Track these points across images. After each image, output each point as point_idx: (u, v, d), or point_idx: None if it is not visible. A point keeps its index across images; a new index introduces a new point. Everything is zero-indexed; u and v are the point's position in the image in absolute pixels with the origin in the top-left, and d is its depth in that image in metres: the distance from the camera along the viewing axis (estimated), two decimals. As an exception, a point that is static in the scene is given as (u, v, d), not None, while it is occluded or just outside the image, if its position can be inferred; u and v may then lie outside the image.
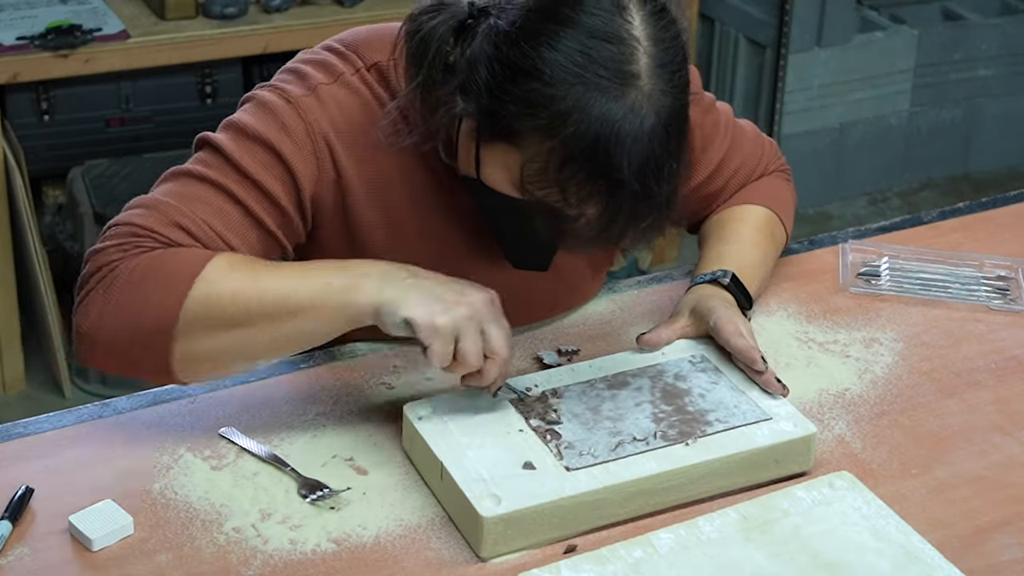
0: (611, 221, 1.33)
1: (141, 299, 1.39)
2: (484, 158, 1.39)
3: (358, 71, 1.52)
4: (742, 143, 1.75)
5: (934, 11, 4.29)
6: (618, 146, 1.29)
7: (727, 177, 1.73)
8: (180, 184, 1.47)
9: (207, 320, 1.39)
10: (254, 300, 1.39)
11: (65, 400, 3.17)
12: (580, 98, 1.29)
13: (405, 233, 1.56)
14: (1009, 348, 1.70)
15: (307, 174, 1.49)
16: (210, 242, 1.44)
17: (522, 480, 1.36)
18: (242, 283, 1.39)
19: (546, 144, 1.30)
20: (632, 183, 1.30)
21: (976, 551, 1.37)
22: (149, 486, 1.41)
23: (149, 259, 1.41)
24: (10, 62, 2.97)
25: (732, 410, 1.47)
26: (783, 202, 1.77)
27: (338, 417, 1.52)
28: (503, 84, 1.33)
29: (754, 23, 3.99)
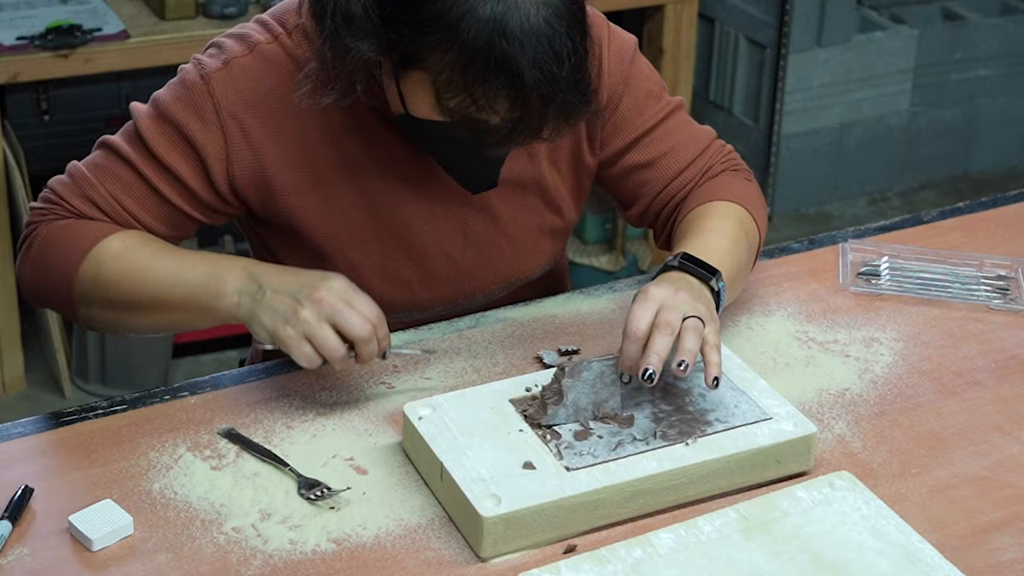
0: (524, 111, 1.40)
1: (44, 267, 1.58)
2: (405, 92, 1.46)
3: (277, 38, 1.58)
4: (680, 131, 1.72)
5: (934, 11, 4.29)
6: (508, 41, 1.36)
7: (655, 152, 1.70)
8: (102, 156, 1.60)
9: (95, 296, 1.55)
10: (134, 289, 1.53)
11: (65, 400, 3.17)
12: (464, 5, 1.37)
13: (336, 194, 1.61)
14: (1009, 348, 1.70)
15: (216, 153, 1.56)
16: (117, 216, 1.57)
17: (522, 480, 1.36)
18: (125, 270, 1.54)
19: (447, 57, 1.38)
20: (532, 73, 1.37)
21: (976, 551, 1.37)
22: (149, 486, 1.41)
23: (55, 229, 1.57)
24: (10, 62, 2.97)
25: (732, 410, 1.47)
26: (748, 197, 1.71)
27: (338, 417, 1.52)
28: (395, 15, 1.41)
29: (754, 23, 3.99)
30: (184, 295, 1.52)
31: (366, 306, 1.47)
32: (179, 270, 1.52)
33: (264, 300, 1.47)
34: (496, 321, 1.71)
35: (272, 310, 1.46)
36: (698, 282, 1.53)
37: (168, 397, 1.55)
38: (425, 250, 1.66)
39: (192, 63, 1.58)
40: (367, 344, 1.46)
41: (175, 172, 1.56)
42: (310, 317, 1.45)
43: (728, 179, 1.73)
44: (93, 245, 1.54)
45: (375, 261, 1.65)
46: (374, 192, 1.62)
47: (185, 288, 1.51)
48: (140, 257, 1.54)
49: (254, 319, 1.48)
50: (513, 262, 1.72)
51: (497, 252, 1.70)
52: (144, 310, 1.55)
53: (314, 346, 1.45)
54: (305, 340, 1.45)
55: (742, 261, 1.64)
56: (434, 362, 1.63)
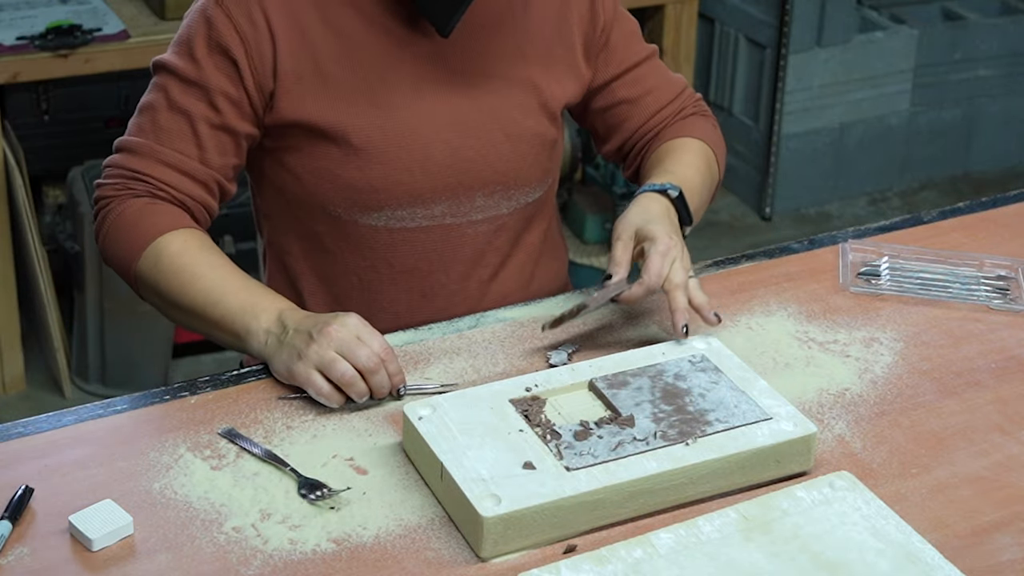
0: None
1: (114, 245, 1.67)
2: None
3: None
4: (659, 73, 1.86)
5: (934, 11, 4.29)
6: None
7: (638, 91, 1.83)
8: (149, 119, 1.68)
9: (149, 284, 1.64)
10: (183, 291, 1.61)
11: (65, 400, 3.17)
12: None
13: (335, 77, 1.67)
14: (1009, 348, 1.70)
15: (238, 49, 1.64)
16: (192, 169, 1.66)
17: (522, 480, 1.36)
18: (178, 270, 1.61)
19: None
20: None
21: (976, 551, 1.37)
22: (149, 486, 1.41)
23: (130, 211, 1.65)
24: (10, 62, 2.97)
25: (732, 410, 1.47)
26: (714, 140, 1.86)
27: (338, 417, 1.52)
28: None
29: (754, 23, 3.99)
30: (221, 317, 1.59)
31: (375, 341, 1.51)
32: (223, 292, 1.60)
33: (285, 340, 1.54)
34: (496, 321, 1.71)
35: (289, 347, 1.53)
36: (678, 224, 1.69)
37: (168, 397, 1.55)
38: (424, 135, 1.69)
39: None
40: (374, 375, 1.50)
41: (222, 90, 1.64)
42: (319, 349, 1.50)
43: (698, 120, 1.87)
44: (156, 236, 1.63)
45: (376, 146, 1.68)
46: (373, 75, 1.67)
47: (224, 311, 1.58)
48: (194, 263, 1.62)
49: (275, 359, 1.55)
50: (511, 162, 1.75)
51: (495, 148, 1.73)
52: (186, 314, 1.62)
53: (325, 377, 1.50)
54: (316, 371, 1.50)
55: (704, 199, 1.81)
56: (434, 362, 1.63)
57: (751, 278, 1.81)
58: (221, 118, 1.66)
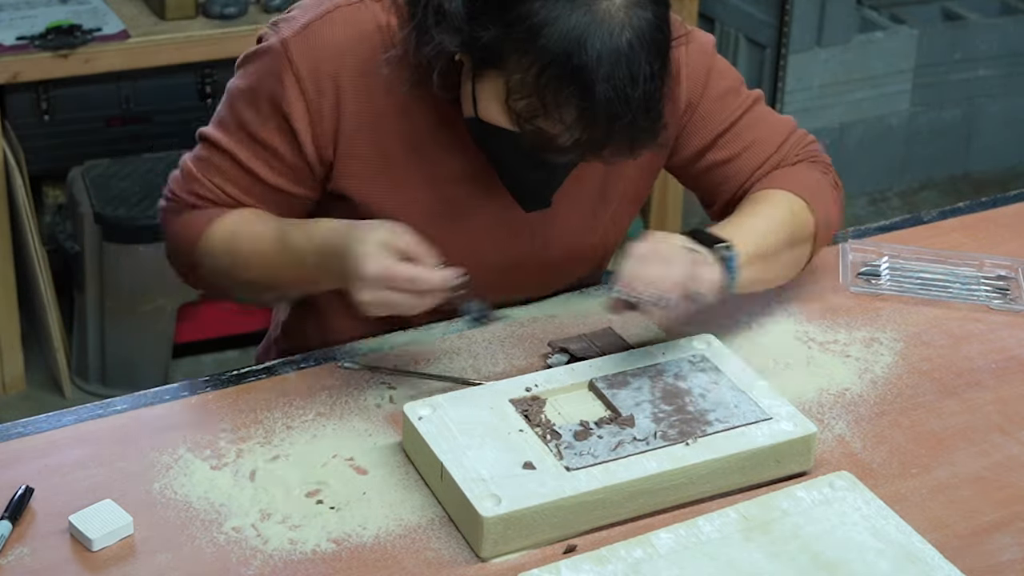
0: (590, 126, 1.40)
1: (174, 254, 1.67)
2: (478, 93, 1.47)
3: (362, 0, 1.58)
4: (760, 124, 1.72)
5: (934, 11, 4.28)
6: (588, 51, 1.37)
7: (734, 150, 1.70)
8: (205, 149, 1.63)
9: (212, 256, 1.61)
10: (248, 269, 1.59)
11: (65, 400, 3.17)
12: (552, 11, 1.37)
13: (399, 167, 1.61)
14: (1009, 348, 1.70)
15: (301, 117, 1.56)
16: (222, 202, 1.62)
17: (522, 480, 1.36)
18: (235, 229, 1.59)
19: (525, 58, 1.39)
20: (604, 87, 1.37)
21: (976, 551, 1.37)
22: (149, 486, 1.41)
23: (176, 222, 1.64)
24: (10, 62, 2.96)
25: (732, 410, 1.47)
26: (812, 188, 1.71)
27: (338, 417, 1.52)
28: (485, 12, 1.42)
29: (754, 23, 3.99)
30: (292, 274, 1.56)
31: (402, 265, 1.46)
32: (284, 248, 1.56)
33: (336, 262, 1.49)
34: (497, 321, 1.71)
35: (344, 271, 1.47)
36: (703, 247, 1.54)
37: (168, 397, 1.55)
38: (480, 236, 1.65)
39: (270, 29, 1.61)
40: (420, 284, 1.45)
41: (269, 146, 1.59)
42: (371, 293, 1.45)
43: (798, 169, 1.73)
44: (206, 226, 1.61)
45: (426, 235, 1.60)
46: (436, 170, 1.61)
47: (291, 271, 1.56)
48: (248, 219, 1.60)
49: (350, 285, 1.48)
50: (565, 262, 1.71)
51: (549, 253, 1.68)
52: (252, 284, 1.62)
53: None
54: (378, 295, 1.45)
55: (779, 243, 1.64)
56: (434, 362, 1.62)
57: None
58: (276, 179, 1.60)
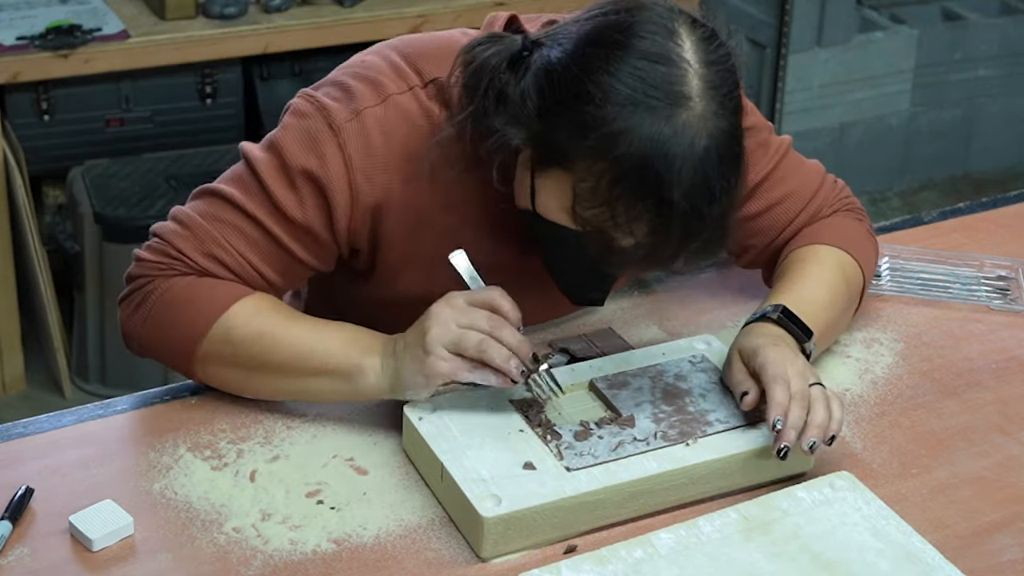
0: (661, 242, 1.32)
1: (169, 323, 1.48)
2: (538, 187, 1.39)
3: (411, 88, 1.49)
4: (793, 175, 1.66)
5: (934, 11, 4.29)
6: (668, 166, 1.28)
7: (766, 204, 1.64)
8: (219, 207, 1.49)
9: (221, 358, 1.48)
10: (268, 355, 1.46)
11: (65, 400, 3.17)
12: (631, 118, 1.28)
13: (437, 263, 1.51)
14: (1009, 348, 1.70)
15: (343, 204, 1.47)
16: (242, 271, 1.49)
17: (522, 480, 1.36)
18: (259, 335, 1.46)
19: (597, 165, 1.30)
20: (682, 203, 1.29)
21: (976, 551, 1.37)
22: (149, 486, 1.41)
23: (181, 286, 1.48)
24: (10, 62, 2.97)
25: (733, 410, 1.47)
26: (854, 240, 1.65)
27: (338, 417, 1.52)
28: (555, 109, 1.33)
29: (754, 23, 3.99)
30: (323, 363, 1.45)
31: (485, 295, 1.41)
32: (316, 339, 1.46)
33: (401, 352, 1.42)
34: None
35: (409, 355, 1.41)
36: (794, 342, 1.49)
37: (168, 397, 1.55)
38: None
39: (311, 104, 1.48)
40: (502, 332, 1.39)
41: (304, 225, 1.47)
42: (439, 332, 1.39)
43: (837, 220, 1.66)
44: (225, 308, 1.47)
45: None
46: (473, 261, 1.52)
47: (323, 356, 1.45)
48: (272, 322, 1.47)
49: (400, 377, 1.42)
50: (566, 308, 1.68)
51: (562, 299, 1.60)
52: (274, 375, 1.47)
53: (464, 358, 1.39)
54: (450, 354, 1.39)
55: (838, 312, 1.60)
56: (434, 362, 1.62)
57: (752, 278, 1.80)
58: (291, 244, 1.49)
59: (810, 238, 1.63)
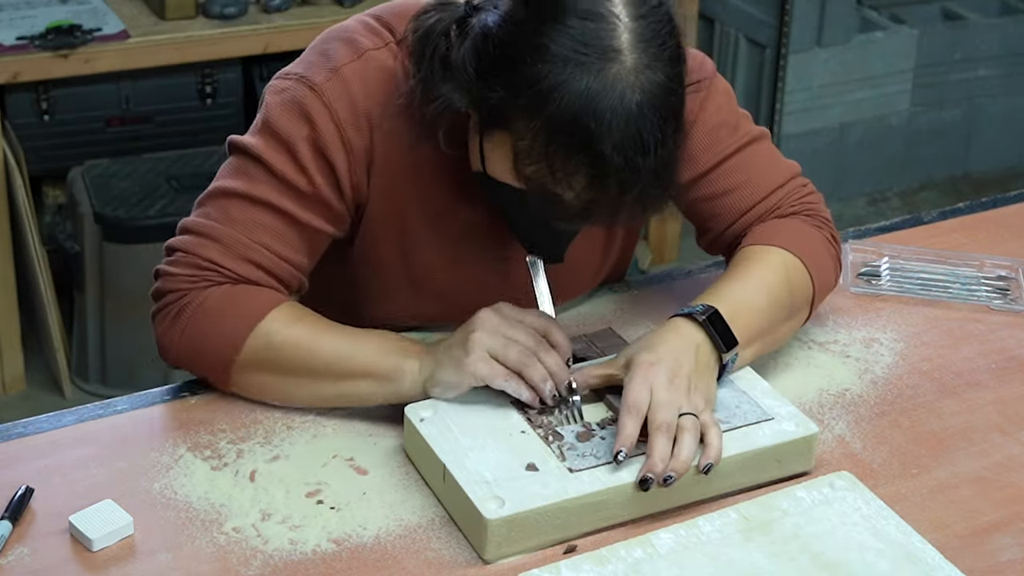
0: (600, 195, 1.35)
1: (205, 334, 1.50)
2: (486, 150, 1.43)
3: (386, 44, 1.53)
4: (757, 165, 1.64)
5: (934, 11, 4.29)
6: (598, 120, 1.31)
7: (723, 187, 1.62)
8: (231, 206, 1.51)
9: (260, 365, 1.49)
10: (307, 360, 1.48)
11: (65, 400, 3.17)
12: (561, 75, 1.31)
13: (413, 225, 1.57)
14: (1009, 348, 1.70)
15: (342, 161, 1.50)
16: (273, 265, 1.51)
17: (525, 482, 1.35)
18: (298, 341, 1.48)
19: (532, 123, 1.34)
20: (615, 157, 1.32)
21: (976, 551, 1.37)
22: (149, 486, 1.41)
23: (217, 296, 1.49)
24: (10, 62, 2.97)
25: (734, 411, 1.47)
26: (808, 245, 1.61)
27: (338, 417, 1.52)
28: (492, 71, 1.37)
29: (754, 23, 3.99)
30: (363, 365, 1.47)
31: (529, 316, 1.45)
32: (355, 343, 1.49)
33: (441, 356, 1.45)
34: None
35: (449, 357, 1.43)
36: (710, 350, 1.46)
37: (168, 397, 1.55)
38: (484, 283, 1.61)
39: (287, 79, 1.52)
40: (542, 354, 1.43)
41: (315, 193, 1.50)
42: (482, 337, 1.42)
43: (793, 223, 1.62)
44: (262, 315, 1.48)
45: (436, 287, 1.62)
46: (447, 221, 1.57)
47: (364, 359, 1.47)
48: (311, 328, 1.49)
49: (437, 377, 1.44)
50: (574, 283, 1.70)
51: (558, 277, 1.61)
52: (314, 380, 1.49)
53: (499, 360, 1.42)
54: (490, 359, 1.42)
55: (776, 320, 1.55)
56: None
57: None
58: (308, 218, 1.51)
59: (762, 238, 1.60)
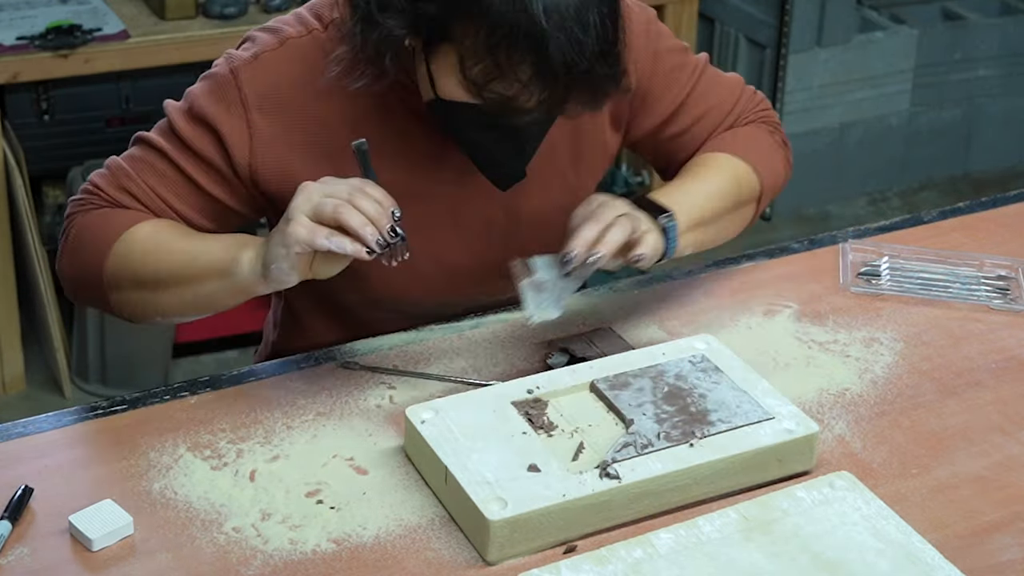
0: (547, 81, 1.38)
1: (80, 253, 1.59)
2: (433, 71, 1.46)
3: (311, 32, 1.59)
4: (712, 90, 1.74)
5: (934, 11, 4.29)
6: (534, 5, 1.35)
7: (688, 122, 1.72)
8: (138, 149, 1.62)
9: (124, 277, 1.56)
10: (160, 264, 1.53)
11: (65, 400, 3.17)
12: None
13: None
14: (1009, 348, 1.70)
15: (238, 142, 1.56)
16: (153, 205, 1.59)
17: (527, 483, 1.35)
18: (152, 250, 1.54)
19: (472, 24, 1.38)
20: (556, 35, 1.36)
21: (976, 551, 1.37)
22: (149, 486, 1.41)
23: (91, 217, 1.59)
24: (10, 62, 2.97)
25: (734, 410, 1.47)
26: (758, 150, 1.74)
27: (338, 417, 1.52)
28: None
29: (754, 23, 3.99)
30: (207, 264, 1.50)
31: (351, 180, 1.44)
32: (203, 246, 1.53)
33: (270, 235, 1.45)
34: (497, 321, 1.71)
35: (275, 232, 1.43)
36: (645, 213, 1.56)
37: (168, 397, 1.55)
38: (448, 245, 1.65)
39: (224, 57, 1.60)
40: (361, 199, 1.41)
41: (205, 158, 1.57)
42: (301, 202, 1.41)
43: (748, 130, 1.75)
44: (125, 229, 1.56)
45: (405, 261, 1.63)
46: (396, 183, 1.58)
47: (207, 259, 1.51)
48: (167, 237, 1.55)
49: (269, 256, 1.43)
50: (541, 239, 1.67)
51: (520, 245, 1.66)
52: (169, 286, 1.53)
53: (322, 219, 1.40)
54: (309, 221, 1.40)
55: (719, 210, 1.67)
56: (434, 362, 1.62)
57: (751, 278, 1.81)
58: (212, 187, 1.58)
59: (715, 146, 1.73)
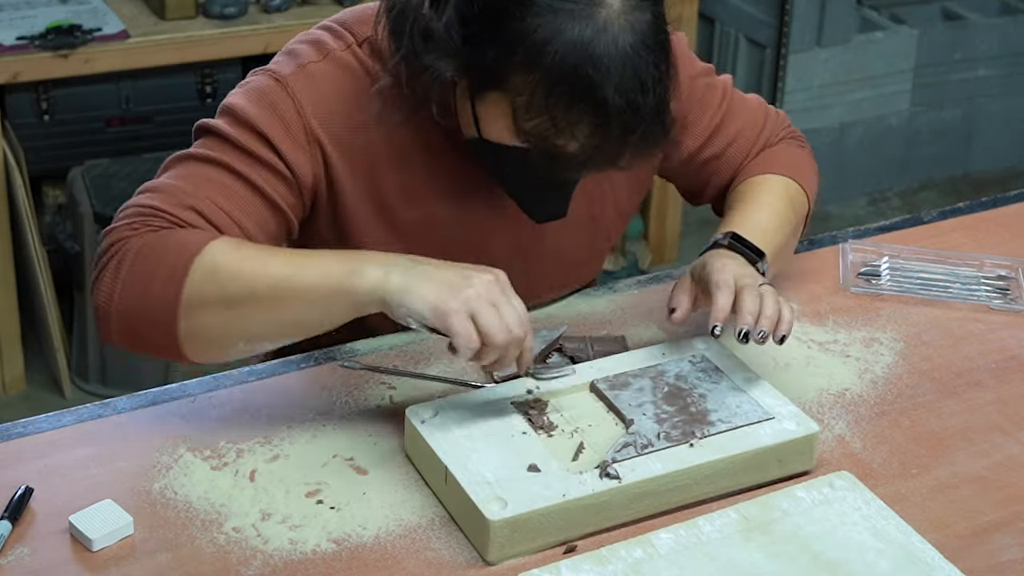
0: (604, 140, 1.37)
1: (148, 274, 1.41)
2: (480, 114, 1.44)
3: (349, 47, 1.56)
4: (740, 111, 1.76)
5: (934, 11, 4.29)
6: (596, 66, 1.34)
7: (723, 144, 1.73)
8: (185, 167, 1.51)
9: (209, 296, 1.40)
10: (257, 279, 1.40)
11: (65, 400, 3.17)
12: (552, 26, 1.34)
13: (396, 212, 1.58)
14: (1009, 348, 1.70)
15: (297, 154, 1.51)
16: (220, 221, 1.47)
17: (527, 483, 1.35)
18: (245, 262, 1.41)
19: (529, 78, 1.35)
20: (616, 99, 1.34)
21: (976, 551, 1.37)
22: (149, 486, 1.41)
23: (157, 237, 1.43)
24: (10, 62, 2.97)
25: (734, 410, 1.47)
26: (799, 167, 1.77)
27: (338, 417, 1.52)
28: (479, 33, 1.39)
29: (754, 23, 3.99)
30: (315, 277, 1.38)
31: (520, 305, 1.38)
32: (306, 257, 1.42)
33: (422, 268, 1.37)
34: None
35: (432, 277, 1.36)
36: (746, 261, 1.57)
37: (168, 397, 1.55)
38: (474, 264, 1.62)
39: (260, 74, 1.54)
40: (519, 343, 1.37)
41: (268, 162, 1.49)
42: (476, 292, 1.35)
43: (784, 149, 1.78)
44: (203, 245, 1.41)
45: None
46: (434, 215, 1.59)
47: (315, 271, 1.39)
48: (259, 249, 1.44)
49: (410, 290, 1.35)
50: (560, 276, 1.72)
51: (545, 268, 1.67)
52: (265, 302, 1.40)
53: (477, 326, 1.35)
54: (468, 318, 1.34)
55: (787, 237, 1.68)
56: (434, 362, 1.62)
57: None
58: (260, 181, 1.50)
59: (760, 168, 1.74)
